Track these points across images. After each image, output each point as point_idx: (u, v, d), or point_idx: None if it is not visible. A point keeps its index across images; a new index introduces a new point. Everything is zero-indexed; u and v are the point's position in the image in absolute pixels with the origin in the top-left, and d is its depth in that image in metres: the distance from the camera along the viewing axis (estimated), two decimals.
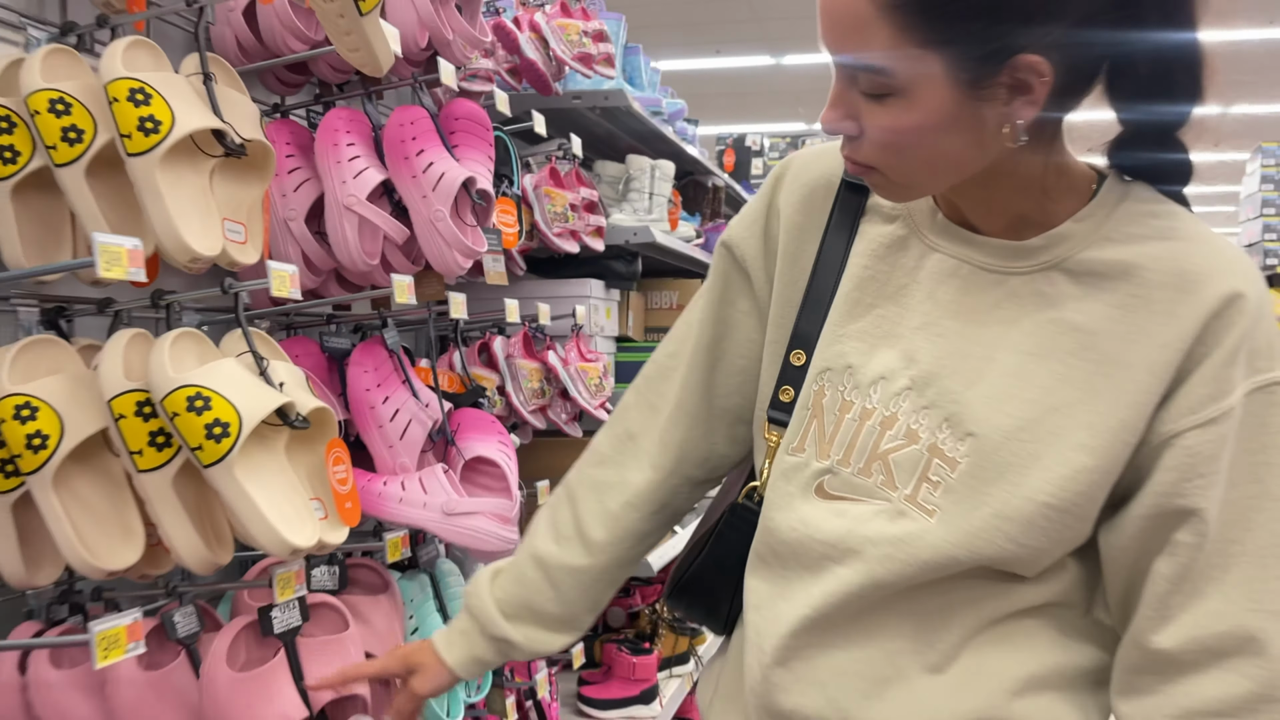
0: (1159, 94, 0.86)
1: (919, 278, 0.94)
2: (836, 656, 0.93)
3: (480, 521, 1.48)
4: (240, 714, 1.14)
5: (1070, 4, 0.79)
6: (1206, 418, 0.83)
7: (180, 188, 1.17)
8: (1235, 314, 0.83)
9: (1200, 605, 0.83)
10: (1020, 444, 0.86)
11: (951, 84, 0.81)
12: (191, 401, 1.09)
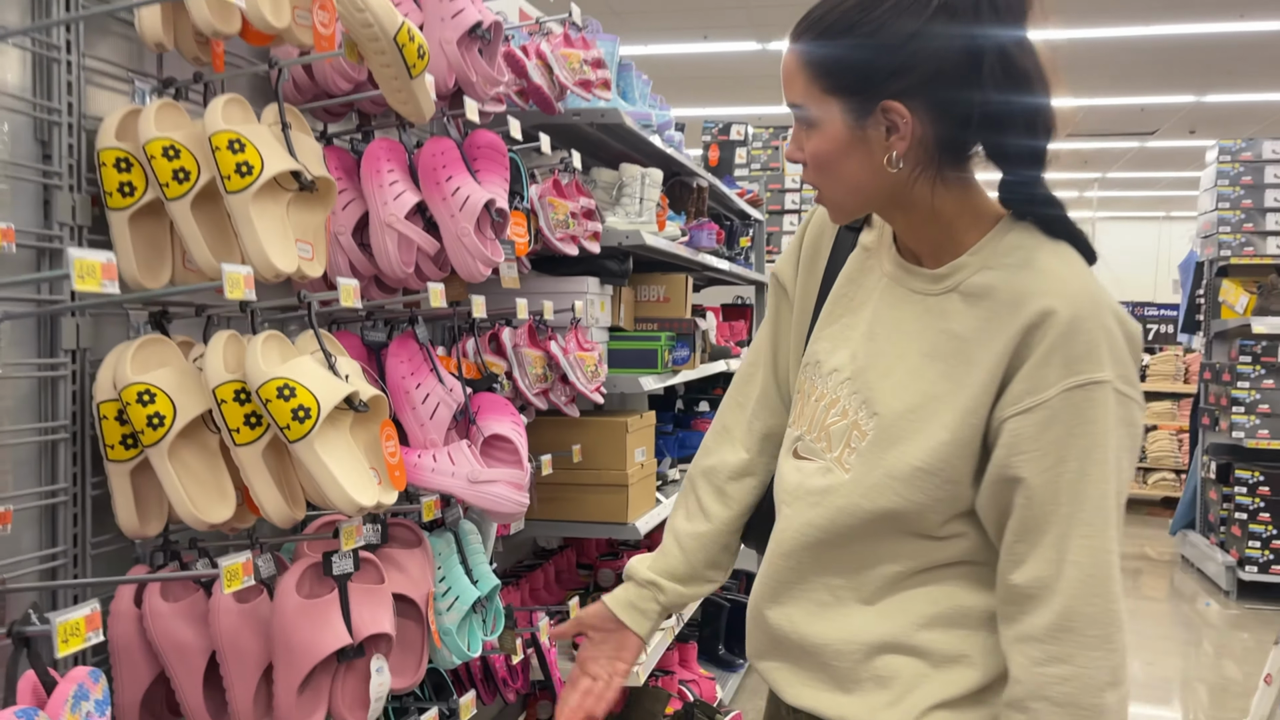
0: (1013, 154, 1.13)
1: (872, 297, 1.25)
2: (795, 585, 1.25)
3: (499, 488, 1.79)
4: (302, 634, 1.44)
5: (917, 67, 1.08)
6: (1025, 407, 1.09)
7: (266, 218, 1.46)
8: (1047, 328, 1.08)
9: (1032, 552, 1.12)
10: (908, 422, 1.16)
11: (845, 120, 1.12)
12: (281, 391, 1.38)
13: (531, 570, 3.01)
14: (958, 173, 1.16)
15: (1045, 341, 1.09)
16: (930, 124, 1.11)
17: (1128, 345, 1.12)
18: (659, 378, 2.88)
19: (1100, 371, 1.08)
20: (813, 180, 1.20)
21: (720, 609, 4.31)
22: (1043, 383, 1.09)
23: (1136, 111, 12.39)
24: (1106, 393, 1.08)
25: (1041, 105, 1.11)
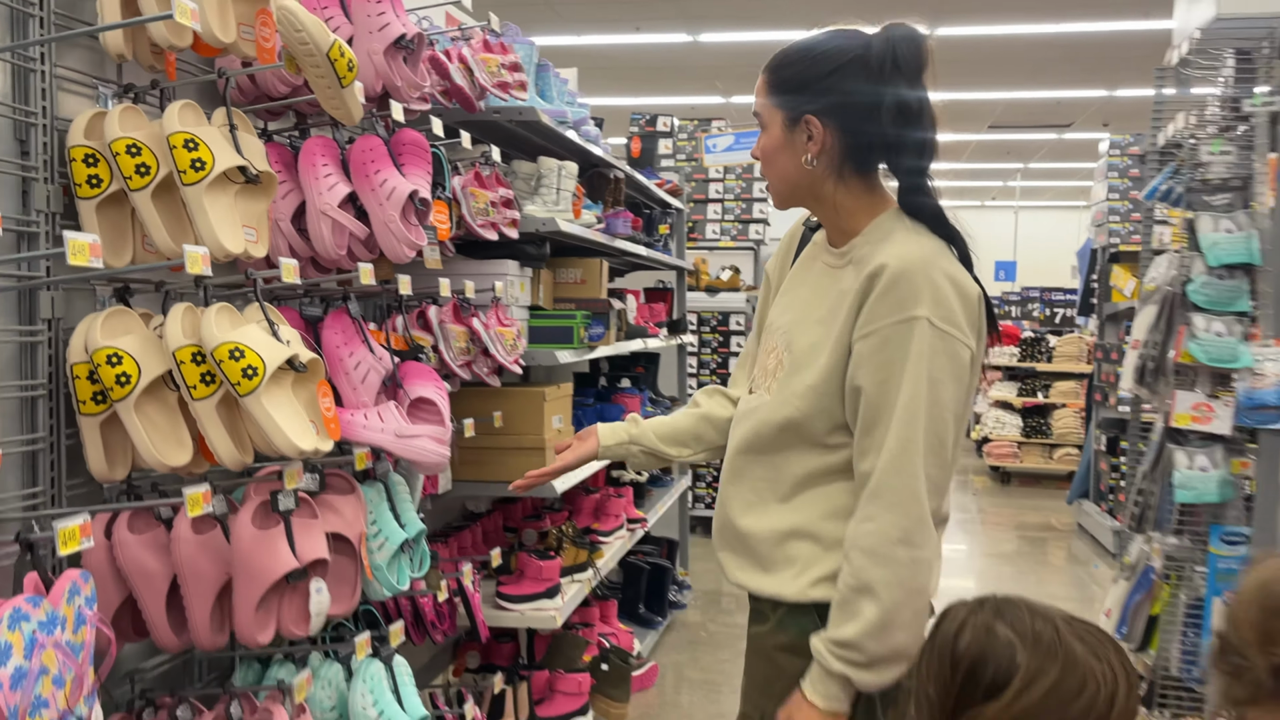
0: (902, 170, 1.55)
1: (811, 276, 1.65)
2: (730, 486, 1.64)
3: (423, 442, 2.06)
4: (258, 560, 1.70)
5: (831, 96, 1.52)
6: (864, 334, 1.47)
7: (216, 207, 1.71)
8: (882, 277, 1.46)
9: (868, 445, 1.47)
10: (807, 355, 1.54)
11: (781, 125, 1.56)
12: (232, 353, 1.64)
13: (460, 531, 3.28)
14: (860, 177, 1.57)
15: (879, 287, 1.46)
16: (837, 138, 1.54)
17: (957, 297, 1.46)
18: (575, 352, 3.16)
19: (918, 310, 1.44)
20: (763, 171, 1.63)
21: (641, 571, 4.63)
22: (876, 317, 1.46)
23: (1053, 105, 12.95)
24: (923, 326, 1.44)
25: (926, 138, 1.53)
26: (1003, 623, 1.12)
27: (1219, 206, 2.62)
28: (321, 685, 2.06)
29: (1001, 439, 9.16)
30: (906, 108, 1.50)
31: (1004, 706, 1.06)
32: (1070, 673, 1.06)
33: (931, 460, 1.46)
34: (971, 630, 1.13)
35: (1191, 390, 2.62)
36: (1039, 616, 1.11)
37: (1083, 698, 1.05)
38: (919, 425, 1.45)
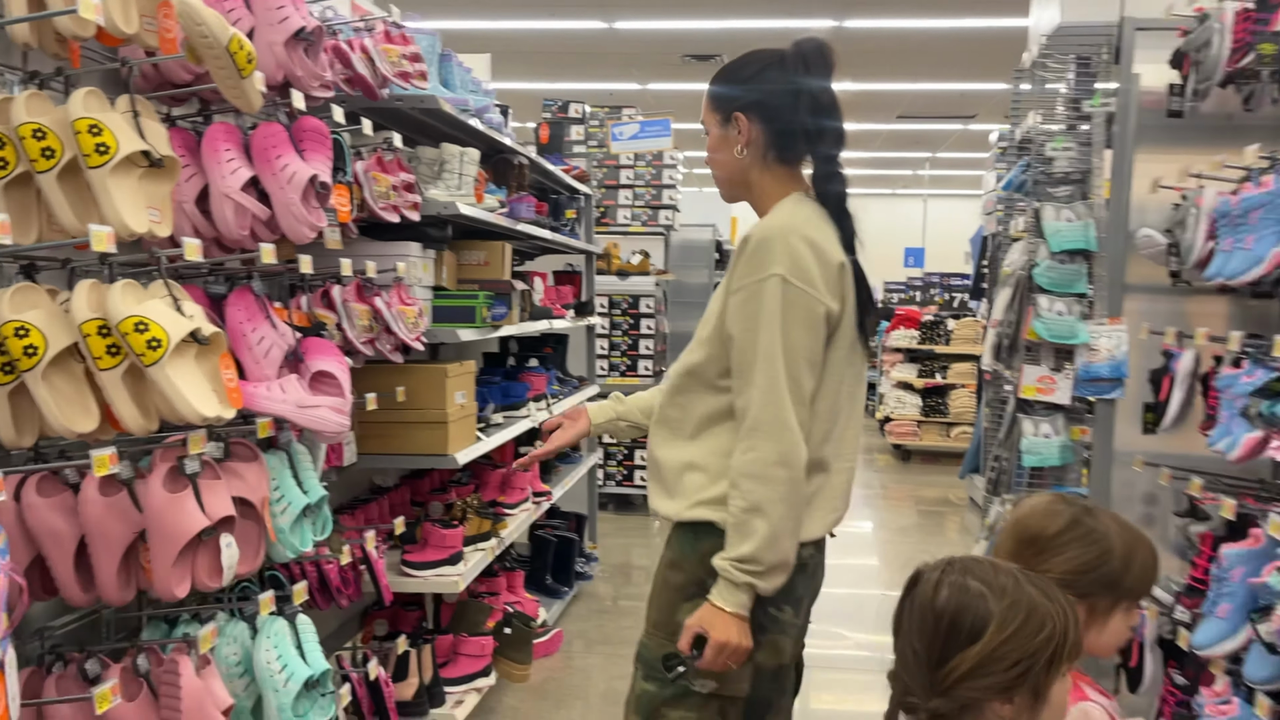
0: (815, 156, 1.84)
1: None
2: (656, 425, 1.94)
3: (323, 412, 2.19)
4: (170, 521, 1.83)
5: (754, 94, 1.81)
6: (733, 290, 1.76)
7: (121, 189, 1.82)
8: (747, 243, 1.75)
9: (742, 386, 1.75)
10: (708, 313, 1.86)
11: (718, 125, 1.87)
12: (137, 326, 1.75)
13: (366, 504, 3.41)
14: (782, 165, 1.85)
15: (746, 251, 1.77)
16: (761, 131, 1.83)
17: (815, 260, 1.73)
18: (478, 331, 3.31)
19: (775, 269, 1.72)
20: (711, 170, 1.92)
21: (548, 544, 4.80)
22: (742, 276, 1.76)
23: (958, 97, 13.40)
24: (776, 282, 1.71)
25: (834, 128, 1.81)
26: (972, 578, 1.27)
27: (1061, 197, 2.88)
28: (227, 641, 2.19)
29: (902, 418, 9.55)
30: (816, 102, 1.80)
31: (983, 648, 1.23)
32: (1032, 615, 1.24)
33: (794, 397, 1.73)
34: (948, 587, 1.27)
35: (1037, 365, 2.88)
36: (1000, 571, 1.29)
37: (1043, 633, 1.23)
38: (779, 368, 1.72)
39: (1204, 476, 2.50)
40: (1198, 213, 2.39)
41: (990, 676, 1.22)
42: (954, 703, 1.23)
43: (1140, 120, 2.78)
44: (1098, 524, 1.47)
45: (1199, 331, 2.49)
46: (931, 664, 1.26)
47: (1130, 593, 1.47)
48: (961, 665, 1.23)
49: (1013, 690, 1.22)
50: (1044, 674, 1.22)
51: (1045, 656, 1.22)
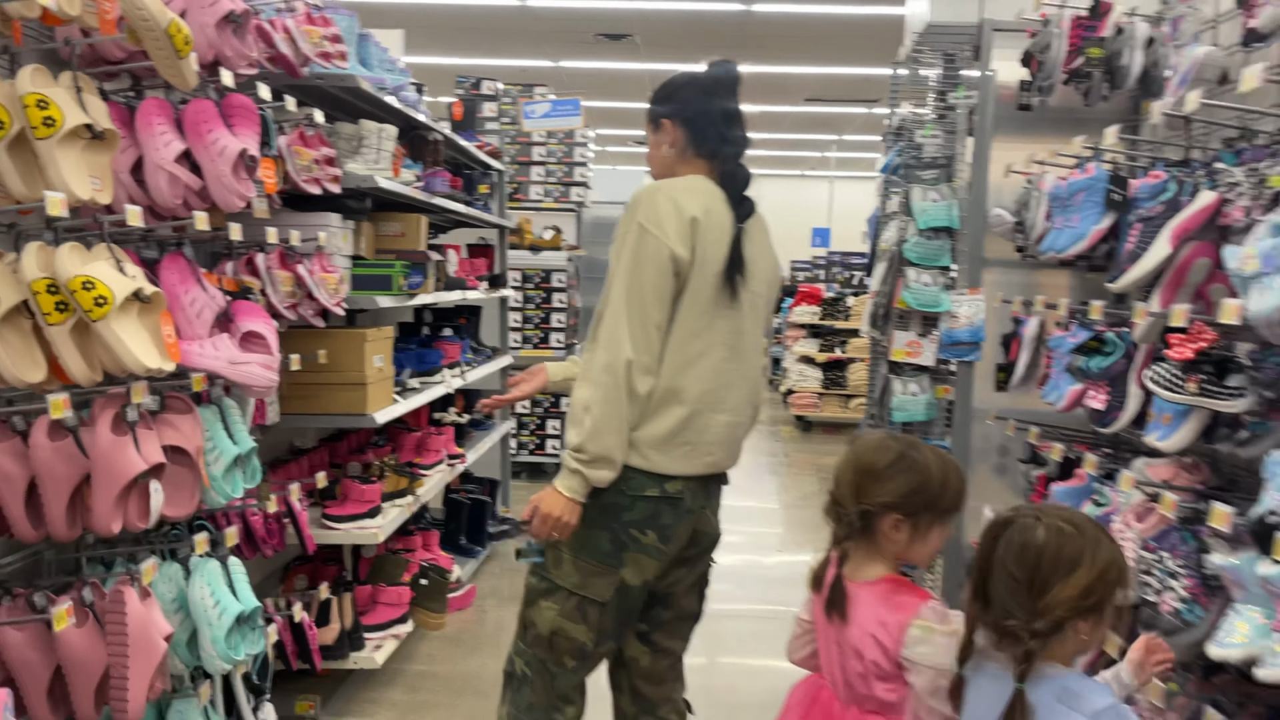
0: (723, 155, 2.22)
1: None
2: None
3: (253, 368, 2.38)
4: (116, 462, 2.01)
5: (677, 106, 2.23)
6: (617, 238, 2.11)
7: (66, 159, 1.98)
8: (629, 202, 2.13)
9: (601, 305, 2.12)
10: None
11: (653, 131, 2.29)
12: (84, 284, 1.92)
13: (287, 464, 3.58)
14: (699, 159, 2.24)
15: (628, 210, 2.13)
16: (683, 133, 2.24)
17: (673, 213, 2.08)
18: (395, 299, 3.50)
19: (637, 219, 2.10)
20: (648, 165, 2.32)
21: (462, 506, 5.01)
22: (620, 227, 2.15)
23: (862, 81, 13.86)
24: (636, 228, 2.09)
25: (741, 134, 2.24)
26: (1061, 520, 1.51)
27: (928, 180, 3.21)
28: (163, 580, 2.37)
29: (804, 390, 9.97)
30: (724, 110, 2.23)
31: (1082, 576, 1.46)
32: (1108, 551, 1.49)
33: (631, 324, 2.06)
34: (1044, 529, 1.50)
35: (906, 330, 3.21)
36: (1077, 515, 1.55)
37: (1114, 568, 1.49)
38: (626, 297, 2.07)
39: (1042, 427, 2.85)
40: (1039, 195, 2.73)
41: (1085, 600, 1.47)
42: (1052, 624, 1.46)
43: (997, 112, 3.11)
44: (919, 456, 1.77)
45: (1038, 300, 2.84)
46: (1034, 592, 1.47)
47: (945, 512, 1.78)
48: (1064, 591, 1.46)
49: (1094, 612, 1.49)
50: (1109, 598, 1.50)
51: (1115, 585, 1.50)
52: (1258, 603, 1.78)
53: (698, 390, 2.11)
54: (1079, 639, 1.51)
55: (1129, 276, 2.15)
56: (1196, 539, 1.94)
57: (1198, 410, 1.99)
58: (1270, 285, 1.66)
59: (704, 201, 2.14)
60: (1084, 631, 1.50)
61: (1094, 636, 1.52)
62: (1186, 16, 2.40)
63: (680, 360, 2.10)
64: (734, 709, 3.60)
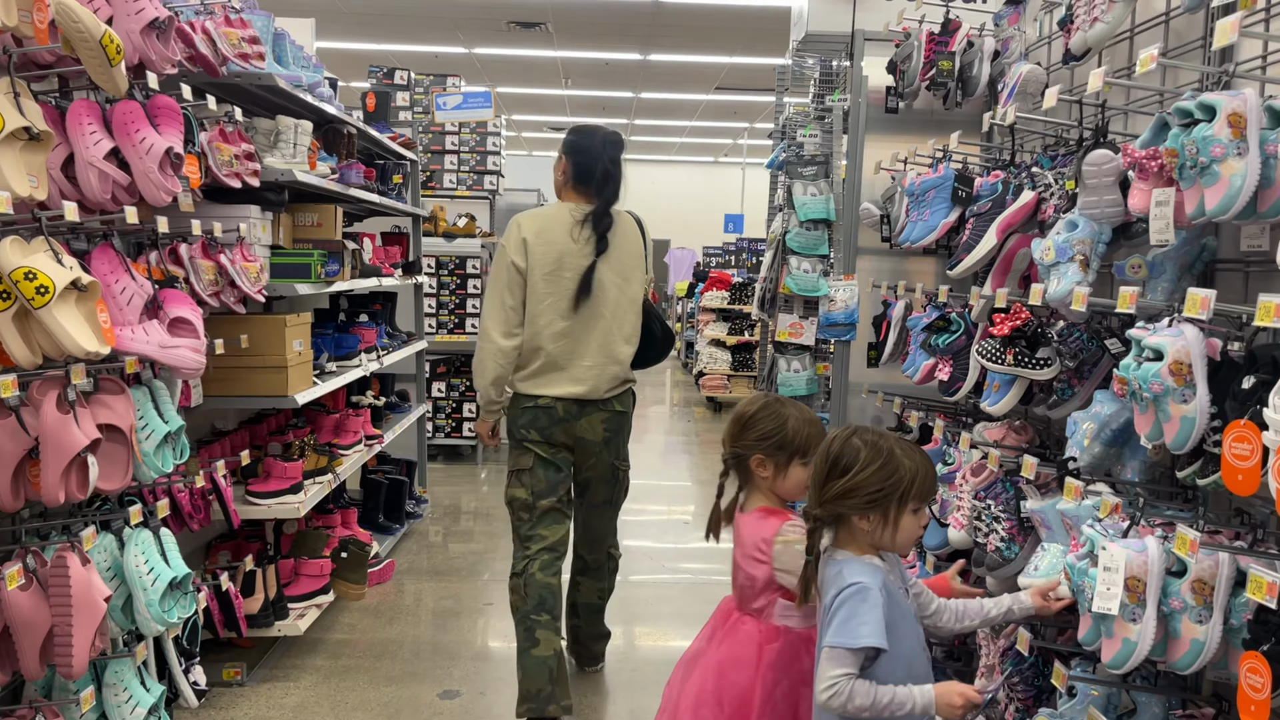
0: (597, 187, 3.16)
1: None
2: None
3: (183, 351, 2.57)
4: (59, 438, 2.19)
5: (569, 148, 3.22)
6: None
7: (6, 159, 2.15)
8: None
9: None
10: None
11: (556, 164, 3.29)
12: (26, 275, 2.10)
13: (210, 444, 3.74)
14: (578, 186, 3.18)
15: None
16: (570, 168, 3.17)
17: (515, 234, 3.13)
18: (313, 286, 3.68)
19: (502, 239, 3.11)
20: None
21: (380, 485, 5.20)
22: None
23: (770, 70, 14.26)
24: (500, 244, 3.14)
25: (614, 171, 3.13)
26: (857, 436, 1.84)
27: (808, 176, 3.52)
28: (98, 550, 2.54)
29: (714, 372, 10.33)
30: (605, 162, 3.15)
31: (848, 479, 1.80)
32: (888, 462, 1.80)
33: (494, 307, 3.13)
34: (839, 440, 1.86)
35: (790, 313, 3.52)
36: (881, 435, 1.86)
37: (894, 477, 1.79)
38: (491, 288, 3.18)
39: (905, 398, 3.19)
40: (901, 191, 3.05)
41: (852, 498, 1.81)
42: (827, 512, 1.83)
43: (869, 114, 3.42)
44: (781, 408, 2.10)
45: (900, 285, 3.17)
46: (818, 487, 1.85)
47: (800, 451, 2.09)
48: (832, 490, 1.81)
49: (868, 511, 1.81)
50: (894, 505, 1.80)
51: (896, 493, 1.80)
52: (1060, 540, 2.13)
53: (550, 346, 3.15)
54: (866, 531, 1.83)
55: (964, 264, 2.48)
56: (1015, 489, 2.28)
57: (1019, 379, 2.33)
58: (1064, 273, 2.00)
59: (540, 225, 3.14)
60: (866, 526, 1.83)
61: (883, 533, 1.83)
62: (1014, 37, 2.74)
63: (533, 328, 3.14)
64: (642, 666, 3.89)
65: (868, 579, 1.79)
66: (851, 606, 1.76)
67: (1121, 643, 1.68)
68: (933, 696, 1.76)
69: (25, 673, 2.26)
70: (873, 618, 1.75)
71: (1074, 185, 2.10)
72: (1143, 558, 1.67)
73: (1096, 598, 1.67)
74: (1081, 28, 2.36)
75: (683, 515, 6.37)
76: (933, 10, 3.18)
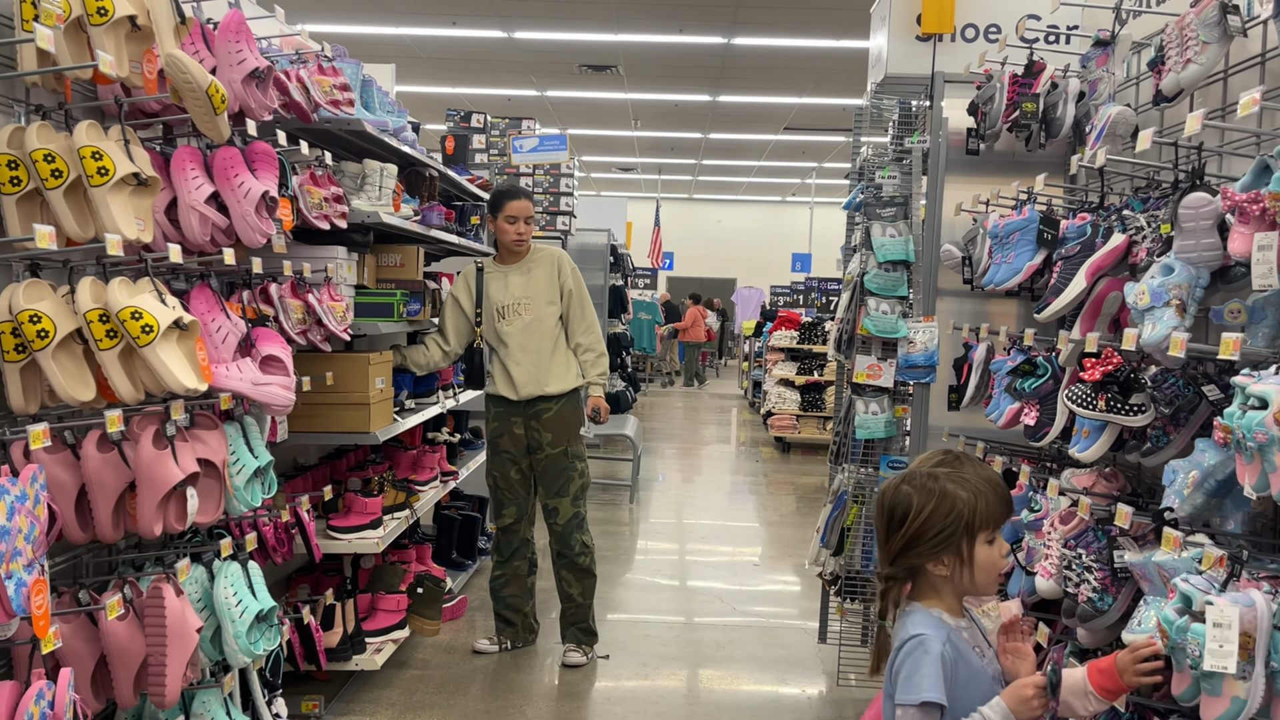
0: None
1: (509, 279, 4.15)
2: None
3: (274, 388, 2.64)
4: (156, 472, 2.26)
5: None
6: (565, 278, 4.17)
7: (116, 203, 2.24)
8: (561, 258, 4.27)
9: (579, 325, 4.16)
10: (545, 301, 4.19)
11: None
12: (133, 314, 2.18)
13: (292, 479, 3.82)
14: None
15: (565, 260, 4.20)
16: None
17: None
18: (396, 324, 3.76)
19: (568, 258, 4.19)
20: (528, 233, 4.13)
21: (454, 522, 5.25)
22: (562, 271, 4.16)
23: (839, 110, 14.26)
24: (567, 258, 4.20)
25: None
26: (905, 482, 1.78)
27: (887, 217, 3.50)
28: (190, 582, 2.61)
29: (783, 412, 10.26)
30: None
31: (907, 528, 1.74)
32: (943, 500, 1.73)
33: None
34: (891, 491, 1.80)
35: (868, 354, 3.49)
36: (928, 475, 1.78)
37: (953, 513, 1.73)
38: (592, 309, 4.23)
39: (988, 442, 3.13)
40: (983, 233, 3.02)
41: (919, 546, 1.74)
42: (898, 569, 1.76)
43: (949, 155, 3.40)
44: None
45: (983, 327, 3.13)
46: (882, 545, 1.79)
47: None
48: (896, 542, 1.75)
49: (939, 555, 1.74)
50: (963, 539, 1.74)
51: (960, 526, 1.74)
52: (1161, 593, 2.06)
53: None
54: (945, 578, 1.76)
55: (1052, 307, 2.44)
56: (1108, 537, 2.22)
57: (1110, 425, 2.27)
58: (1160, 318, 1.95)
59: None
60: (944, 572, 1.76)
61: (962, 574, 1.75)
62: (1103, 79, 2.70)
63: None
64: (714, 710, 3.84)
65: (930, 630, 1.72)
66: (915, 661, 1.69)
67: (1230, 701, 1.62)
68: (1005, 706, 1.70)
69: (119, 701, 2.32)
70: (931, 670, 1.67)
71: (1169, 228, 2.06)
72: (1251, 613, 1.61)
73: (1208, 655, 1.61)
74: (1174, 69, 2.32)
75: (750, 557, 6.31)
76: (1014, 53, 3.16)
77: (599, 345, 4.18)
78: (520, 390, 4.05)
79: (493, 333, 4.13)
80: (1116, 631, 2.23)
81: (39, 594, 1.83)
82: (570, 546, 4.21)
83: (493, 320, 4.11)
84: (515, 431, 4.13)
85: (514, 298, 4.09)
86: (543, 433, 4.10)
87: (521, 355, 4.07)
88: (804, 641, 4.52)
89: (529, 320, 4.07)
